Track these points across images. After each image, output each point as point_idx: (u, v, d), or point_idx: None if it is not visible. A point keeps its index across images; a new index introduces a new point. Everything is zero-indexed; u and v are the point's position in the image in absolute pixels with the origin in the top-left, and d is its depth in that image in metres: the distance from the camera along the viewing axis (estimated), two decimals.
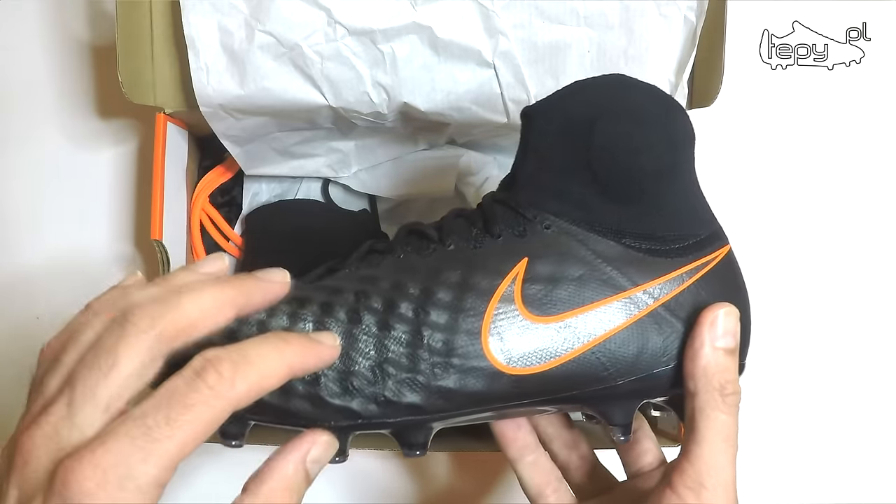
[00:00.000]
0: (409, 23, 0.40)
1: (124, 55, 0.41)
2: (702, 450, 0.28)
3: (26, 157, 0.53)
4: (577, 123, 0.31)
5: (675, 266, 0.31)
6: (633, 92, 0.32)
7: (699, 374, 0.29)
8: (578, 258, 0.30)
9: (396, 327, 0.29)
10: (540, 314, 0.30)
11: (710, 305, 0.30)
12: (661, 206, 0.32)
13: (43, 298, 0.53)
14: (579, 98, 0.32)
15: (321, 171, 0.49)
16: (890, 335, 0.56)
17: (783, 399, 0.55)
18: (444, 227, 0.33)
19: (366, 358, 0.28)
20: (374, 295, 0.30)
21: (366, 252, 0.33)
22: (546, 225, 0.31)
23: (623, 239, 0.31)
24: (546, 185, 0.32)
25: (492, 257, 0.30)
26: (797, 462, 0.55)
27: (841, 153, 0.57)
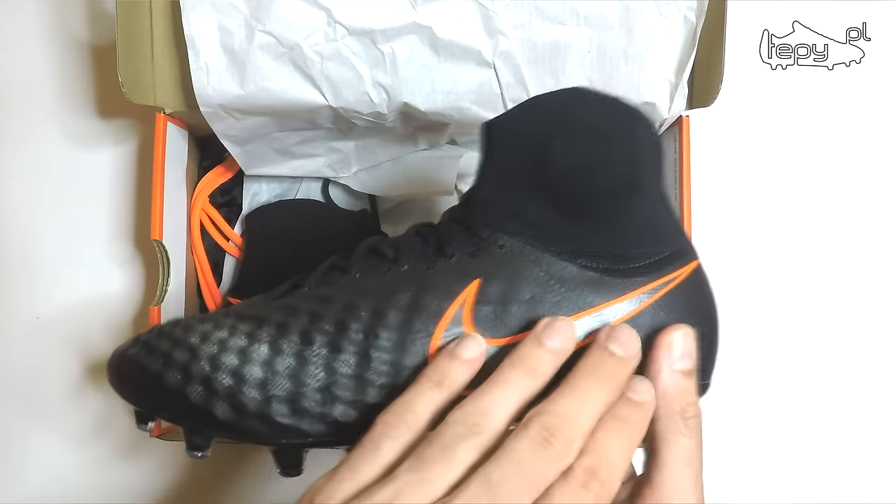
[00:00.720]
0: (409, 23, 0.40)
1: (124, 55, 0.41)
2: (663, 476, 0.28)
3: (26, 156, 0.53)
4: (533, 139, 0.31)
5: (634, 286, 0.30)
6: (592, 106, 0.32)
7: (658, 400, 0.29)
8: (531, 279, 0.30)
9: (346, 349, 0.29)
10: (490, 336, 0.29)
11: (666, 328, 0.29)
12: (620, 224, 0.31)
13: (43, 298, 0.53)
14: (538, 112, 0.32)
15: (321, 171, 0.49)
16: (890, 333, 0.56)
17: (783, 402, 0.55)
18: (400, 246, 0.32)
19: (315, 380, 0.29)
20: (326, 316, 0.30)
21: (327, 269, 0.33)
22: (500, 245, 0.31)
23: (579, 259, 0.30)
24: (502, 204, 0.31)
25: (443, 278, 0.30)
26: (791, 467, 0.55)
27: (841, 153, 0.57)
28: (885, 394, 0.55)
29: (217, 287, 0.51)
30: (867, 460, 0.55)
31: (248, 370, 0.29)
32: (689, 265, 0.31)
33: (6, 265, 0.53)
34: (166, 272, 0.44)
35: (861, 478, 0.55)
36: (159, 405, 0.30)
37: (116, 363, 0.31)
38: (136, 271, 0.53)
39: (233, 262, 0.51)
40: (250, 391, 0.28)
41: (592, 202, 0.30)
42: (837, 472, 0.55)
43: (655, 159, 0.32)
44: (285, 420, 0.29)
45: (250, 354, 0.29)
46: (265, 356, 0.29)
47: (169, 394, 0.29)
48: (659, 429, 0.28)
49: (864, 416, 0.55)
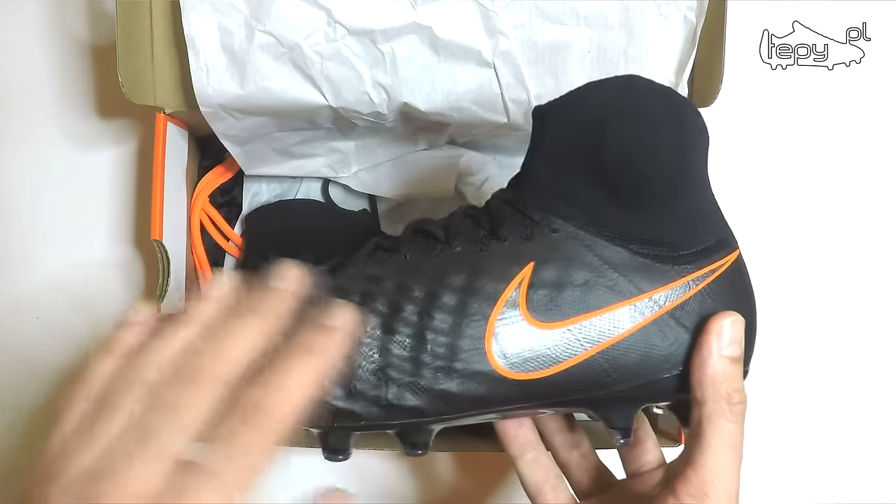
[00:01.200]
0: (409, 23, 0.40)
1: (124, 55, 0.41)
2: (707, 459, 0.28)
3: (26, 156, 0.53)
4: (589, 125, 0.31)
5: (683, 273, 0.30)
6: (647, 94, 0.32)
7: (707, 383, 0.29)
8: (585, 263, 0.30)
9: (400, 331, 0.29)
10: (544, 320, 0.29)
11: (717, 314, 0.30)
12: (671, 212, 0.31)
13: (43, 299, 0.53)
14: (592, 99, 0.32)
15: (321, 171, 0.49)
16: (891, 335, 0.56)
17: (784, 401, 0.55)
18: (451, 227, 0.32)
19: (370, 362, 0.28)
20: (379, 297, 0.30)
21: (373, 249, 0.33)
22: (553, 228, 0.31)
23: (630, 244, 0.30)
24: (555, 188, 0.31)
25: (497, 261, 0.30)
26: (800, 465, 0.55)
27: (841, 153, 0.57)
28: (886, 391, 0.55)
29: None
30: (869, 460, 0.55)
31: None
32: (731, 254, 0.32)
33: (6, 265, 0.53)
34: (166, 272, 0.44)
35: (861, 477, 0.55)
36: None
37: None
38: (136, 271, 0.53)
39: (233, 262, 0.51)
40: None
41: (647, 189, 0.31)
42: (838, 471, 0.55)
43: (703, 150, 0.32)
44: (339, 403, 0.28)
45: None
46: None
47: None
48: (705, 412, 0.29)
49: (865, 414, 0.55)
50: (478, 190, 0.51)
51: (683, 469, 0.29)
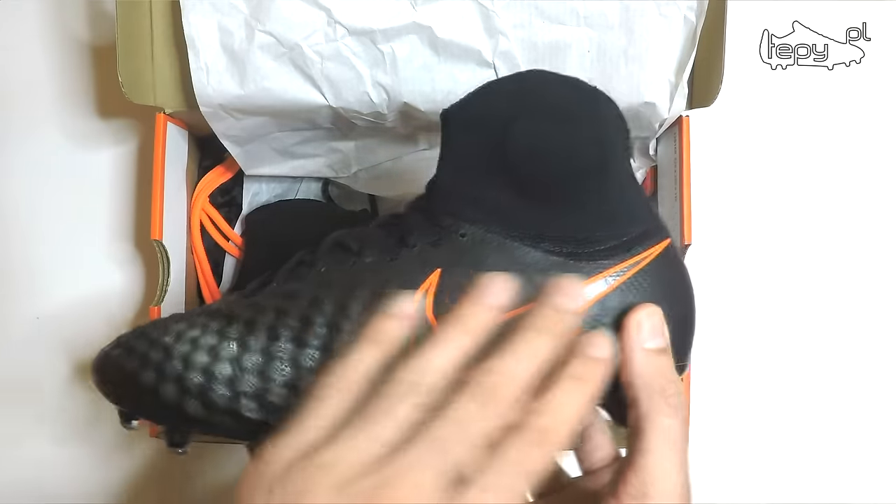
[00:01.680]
0: (409, 23, 0.40)
1: (124, 55, 0.41)
2: (646, 459, 0.27)
3: (26, 156, 0.53)
4: (491, 123, 0.30)
5: (599, 269, 0.30)
6: (553, 86, 0.31)
7: (636, 381, 0.28)
8: (493, 267, 0.29)
9: (310, 344, 0.29)
10: None
11: (632, 309, 0.29)
12: (585, 206, 0.30)
13: (43, 298, 0.53)
14: (495, 97, 0.31)
15: (321, 171, 0.49)
16: (890, 333, 0.56)
17: (783, 401, 0.55)
18: (366, 239, 0.32)
19: (281, 375, 0.29)
20: (292, 311, 0.30)
21: (295, 264, 0.33)
22: (461, 234, 0.30)
23: (542, 244, 0.30)
24: (462, 192, 0.31)
25: (405, 270, 0.30)
26: (792, 462, 0.55)
27: (841, 153, 0.57)
28: (883, 392, 0.55)
29: (217, 287, 0.51)
30: (862, 459, 0.55)
31: (217, 368, 0.29)
32: (659, 245, 0.31)
33: (6, 265, 0.53)
34: (166, 272, 0.44)
35: (859, 477, 0.55)
36: (137, 404, 0.30)
37: (100, 364, 0.31)
38: (136, 271, 0.53)
39: (233, 262, 0.51)
40: (220, 388, 0.29)
41: (557, 186, 0.30)
42: (832, 470, 0.55)
43: (621, 139, 0.31)
44: (254, 415, 0.29)
45: (220, 352, 0.29)
46: (233, 353, 0.29)
47: (144, 392, 0.29)
48: (641, 411, 0.28)
49: (861, 415, 0.55)
50: None
51: (623, 471, 0.28)
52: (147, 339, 0.30)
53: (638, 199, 0.32)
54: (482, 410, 0.24)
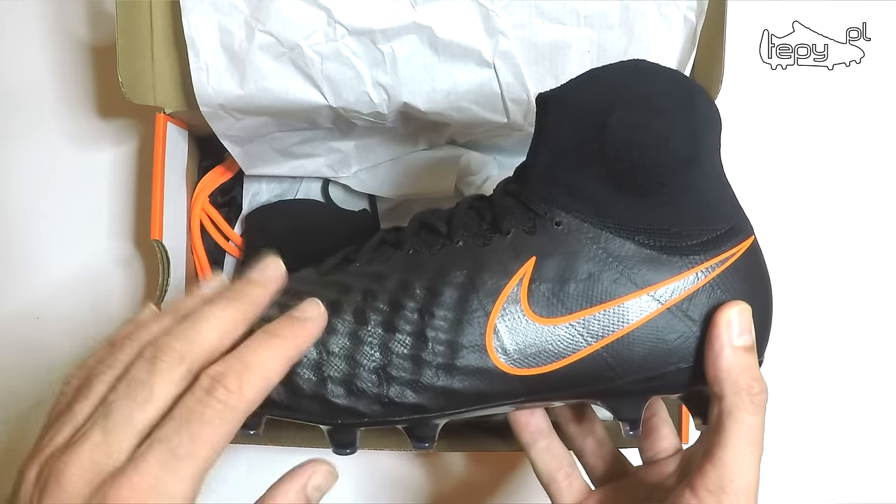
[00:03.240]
0: (409, 23, 0.40)
1: (124, 55, 0.41)
2: (726, 453, 0.28)
3: (26, 157, 0.53)
4: (591, 114, 0.30)
5: (691, 264, 0.30)
6: (652, 78, 0.31)
7: (723, 377, 0.29)
8: (588, 257, 0.29)
9: (401, 329, 0.29)
10: (546, 315, 0.29)
11: (724, 305, 0.29)
12: (679, 201, 0.30)
13: (43, 299, 0.53)
14: (595, 86, 0.31)
15: (321, 171, 0.49)
16: (890, 333, 0.56)
17: (782, 400, 0.55)
18: (455, 221, 0.32)
19: (371, 360, 0.28)
20: (380, 295, 0.29)
21: (377, 244, 0.32)
22: (556, 221, 0.30)
23: (637, 236, 0.30)
24: (558, 179, 0.31)
25: (499, 256, 0.30)
26: (805, 461, 0.55)
27: (841, 153, 0.57)
28: (885, 390, 0.55)
29: None
30: (868, 460, 0.55)
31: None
32: (745, 242, 0.31)
33: (6, 265, 0.53)
34: (166, 272, 0.44)
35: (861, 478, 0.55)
36: None
37: None
38: (136, 271, 0.53)
39: (233, 262, 0.51)
40: (305, 372, 0.28)
41: (653, 178, 0.30)
42: (832, 470, 0.55)
43: (715, 134, 0.31)
44: (341, 401, 0.28)
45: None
46: (319, 336, 0.28)
47: None
48: (725, 406, 0.28)
49: (866, 415, 0.55)
50: (478, 190, 0.51)
51: (702, 464, 0.29)
52: None
53: (728, 194, 0.32)
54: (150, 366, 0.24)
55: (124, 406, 0.24)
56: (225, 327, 0.26)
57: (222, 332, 0.26)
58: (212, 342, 0.25)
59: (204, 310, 0.26)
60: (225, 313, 0.26)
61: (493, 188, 0.35)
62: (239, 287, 0.28)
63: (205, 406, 0.24)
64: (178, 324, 0.26)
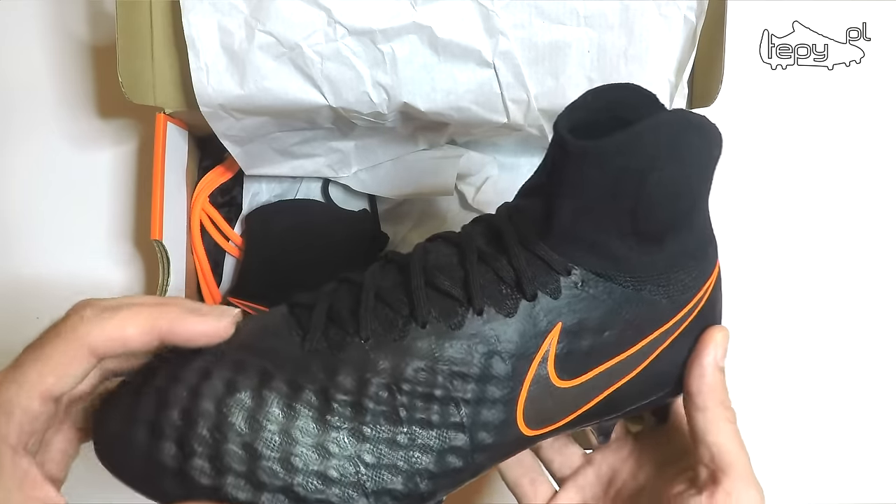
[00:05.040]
0: (409, 23, 0.40)
1: (124, 55, 0.41)
2: (729, 458, 0.30)
3: (26, 157, 0.53)
4: (630, 173, 0.27)
5: (683, 304, 0.31)
6: (685, 132, 0.28)
7: (707, 391, 0.31)
8: (604, 316, 0.29)
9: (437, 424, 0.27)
10: (568, 378, 0.29)
11: (711, 328, 0.31)
12: (683, 245, 0.30)
13: (43, 298, 0.53)
14: (638, 145, 0.27)
15: (321, 171, 0.49)
16: (890, 334, 0.56)
17: (781, 399, 0.55)
18: (472, 285, 0.28)
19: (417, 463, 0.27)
20: (404, 385, 0.27)
21: (373, 305, 0.29)
22: (579, 282, 0.29)
23: (646, 287, 0.30)
24: (582, 235, 0.29)
25: (526, 326, 0.28)
26: (805, 461, 0.55)
27: (841, 153, 0.57)
28: (884, 390, 0.55)
29: (217, 287, 0.51)
30: (868, 460, 0.55)
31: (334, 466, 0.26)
32: (715, 269, 0.32)
33: (6, 265, 0.53)
34: (166, 272, 0.44)
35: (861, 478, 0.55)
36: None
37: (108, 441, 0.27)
38: (136, 271, 0.53)
39: (233, 262, 0.51)
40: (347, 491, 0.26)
41: (669, 228, 0.29)
42: (838, 471, 0.55)
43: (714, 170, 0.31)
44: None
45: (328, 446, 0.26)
46: (345, 444, 0.26)
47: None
48: (709, 418, 0.30)
49: (864, 414, 0.55)
50: (478, 190, 0.51)
51: (714, 475, 0.30)
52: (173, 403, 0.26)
53: (709, 223, 0.32)
54: None
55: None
56: (138, 323, 0.25)
57: (132, 327, 0.25)
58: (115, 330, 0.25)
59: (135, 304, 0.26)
60: (144, 312, 0.26)
61: (493, 189, 0.34)
62: (178, 304, 0.27)
63: (53, 327, 0.25)
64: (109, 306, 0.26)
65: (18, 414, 0.24)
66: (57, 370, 0.25)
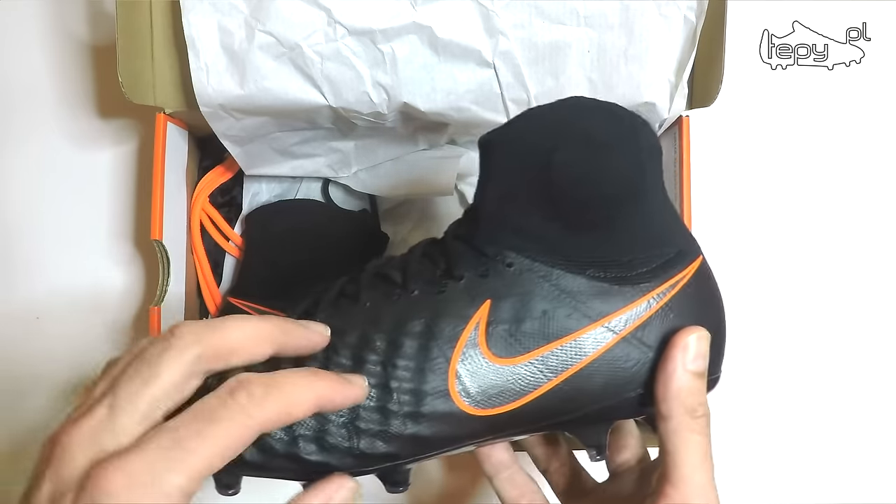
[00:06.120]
0: (409, 23, 0.40)
1: (124, 55, 0.41)
2: (682, 472, 0.29)
3: (26, 157, 0.53)
4: (535, 153, 0.31)
5: (642, 292, 0.30)
6: (592, 114, 0.32)
7: (671, 398, 0.29)
8: (542, 296, 0.30)
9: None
10: (505, 355, 0.30)
11: (682, 329, 0.30)
12: (626, 231, 0.31)
13: (43, 299, 0.53)
14: (536, 126, 0.31)
15: (321, 171, 0.49)
16: (890, 334, 0.56)
17: (781, 399, 0.55)
18: (409, 270, 0.32)
19: (339, 416, 0.28)
20: (342, 350, 0.30)
21: (336, 296, 0.32)
22: (508, 263, 0.30)
23: (587, 270, 0.30)
24: (507, 220, 0.31)
25: (454, 302, 0.30)
26: (805, 461, 0.55)
27: (841, 153, 0.57)
28: (884, 390, 0.55)
29: (217, 287, 0.51)
30: (868, 460, 0.55)
31: None
32: (693, 263, 0.32)
33: (6, 265, 0.53)
34: (166, 272, 0.44)
35: (861, 478, 0.55)
36: None
37: None
38: (136, 271, 0.53)
39: (233, 262, 0.51)
40: (276, 432, 0.28)
41: (599, 212, 0.30)
42: (838, 471, 0.55)
43: (657, 162, 0.32)
44: (314, 457, 0.28)
45: None
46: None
47: None
48: (672, 426, 0.29)
49: (864, 414, 0.55)
50: None
51: (661, 487, 0.29)
52: None
53: (673, 219, 0.33)
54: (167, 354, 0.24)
55: (130, 383, 0.24)
56: (252, 335, 0.26)
57: (246, 338, 0.26)
58: (231, 339, 0.25)
59: (240, 317, 0.26)
60: (255, 322, 0.26)
61: None
62: (283, 318, 0.28)
63: (222, 405, 0.24)
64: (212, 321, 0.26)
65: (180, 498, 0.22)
66: (226, 454, 0.23)
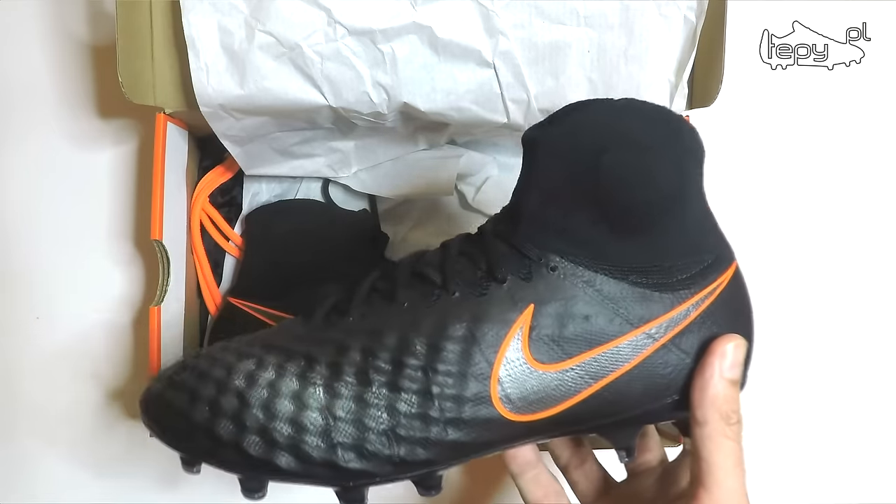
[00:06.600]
0: (409, 23, 0.40)
1: (124, 55, 0.41)
2: (716, 478, 0.29)
3: (26, 157, 0.53)
4: (582, 154, 0.30)
5: (682, 299, 0.30)
6: (640, 116, 0.31)
7: (707, 404, 0.30)
8: (584, 301, 0.30)
9: (406, 388, 0.28)
10: (547, 361, 0.29)
11: (721, 337, 0.30)
12: (668, 235, 0.30)
13: (43, 298, 0.53)
14: (584, 125, 0.31)
15: (321, 171, 0.49)
16: (890, 334, 0.56)
17: (781, 399, 0.55)
18: (448, 269, 0.31)
19: (379, 423, 0.28)
20: (381, 353, 0.29)
21: (367, 292, 0.32)
22: (552, 267, 0.30)
23: (630, 276, 0.30)
24: (549, 221, 0.30)
25: (497, 305, 0.30)
26: (805, 461, 0.55)
27: (841, 153, 0.57)
28: (885, 390, 0.55)
29: (217, 287, 0.51)
30: (870, 460, 0.55)
31: (307, 417, 0.28)
32: (729, 269, 0.32)
33: (6, 265, 0.53)
34: (166, 272, 0.44)
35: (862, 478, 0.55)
36: (210, 455, 0.29)
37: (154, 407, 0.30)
38: (136, 271, 0.53)
39: (233, 262, 0.51)
40: (313, 440, 0.28)
41: (643, 216, 0.30)
42: (840, 471, 0.55)
43: (699, 165, 0.32)
44: (353, 465, 0.28)
45: (307, 399, 0.28)
46: (323, 401, 0.28)
47: (222, 445, 0.28)
48: (706, 432, 0.29)
49: (866, 414, 0.55)
50: (478, 190, 0.51)
51: (694, 490, 0.30)
52: (212, 381, 0.29)
53: (712, 222, 0.32)
54: None
55: None
56: None
57: None
58: None
59: None
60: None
61: (493, 189, 0.35)
62: None
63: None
64: None
65: None
66: None
